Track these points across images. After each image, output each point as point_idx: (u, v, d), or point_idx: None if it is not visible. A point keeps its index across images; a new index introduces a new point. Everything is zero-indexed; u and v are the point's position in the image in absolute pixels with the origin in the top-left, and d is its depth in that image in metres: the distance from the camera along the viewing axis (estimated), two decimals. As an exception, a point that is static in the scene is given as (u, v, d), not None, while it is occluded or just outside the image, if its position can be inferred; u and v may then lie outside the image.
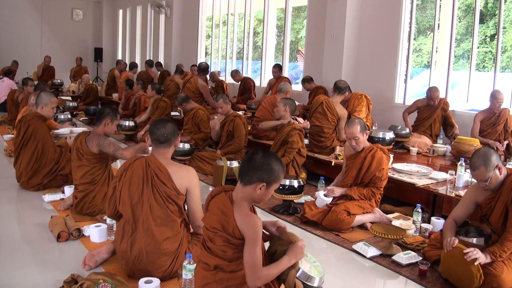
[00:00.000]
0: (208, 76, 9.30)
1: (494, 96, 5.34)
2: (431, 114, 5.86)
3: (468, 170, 4.35)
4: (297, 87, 8.83)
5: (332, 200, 3.85)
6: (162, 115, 6.93)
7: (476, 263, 2.69)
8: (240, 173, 2.22)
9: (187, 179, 2.75)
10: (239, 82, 9.02)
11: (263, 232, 2.27)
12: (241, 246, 2.17)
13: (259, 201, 2.25)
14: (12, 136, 6.20)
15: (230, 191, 2.26)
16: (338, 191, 3.86)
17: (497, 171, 2.87)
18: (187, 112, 6.29)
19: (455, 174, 4.14)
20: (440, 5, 6.62)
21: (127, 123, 7.13)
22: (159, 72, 11.38)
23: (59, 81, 11.89)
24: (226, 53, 11.02)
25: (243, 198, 2.20)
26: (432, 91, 5.80)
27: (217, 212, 2.21)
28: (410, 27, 6.71)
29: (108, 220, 3.36)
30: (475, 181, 3.27)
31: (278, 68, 8.24)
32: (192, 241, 2.91)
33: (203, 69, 8.41)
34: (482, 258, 2.72)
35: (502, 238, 2.81)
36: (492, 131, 5.43)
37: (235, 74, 9.05)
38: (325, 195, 3.85)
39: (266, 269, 2.15)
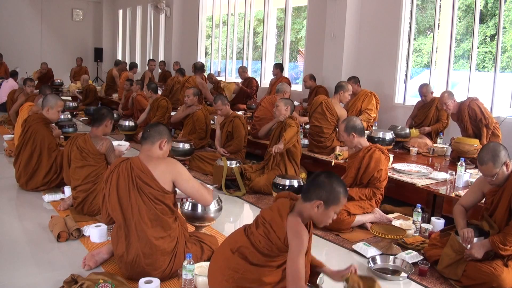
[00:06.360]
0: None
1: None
2: (427, 113, 5.96)
3: (468, 170, 4.37)
4: (297, 87, 8.82)
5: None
6: (166, 115, 6.91)
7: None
8: (302, 190, 2.31)
9: (168, 172, 2.71)
10: (243, 80, 8.99)
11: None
12: (275, 247, 2.24)
13: (317, 221, 2.29)
14: (12, 136, 6.19)
15: (295, 200, 2.34)
16: None
17: (504, 168, 2.86)
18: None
19: (455, 174, 4.13)
20: (440, 5, 6.62)
21: (127, 123, 7.11)
22: (160, 70, 11.38)
23: (59, 81, 11.88)
24: (226, 53, 11.02)
25: (300, 212, 2.27)
26: (420, 87, 6.00)
27: (274, 209, 2.32)
28: (410, 27, 6.71)
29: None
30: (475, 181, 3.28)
31: (279, 67, 8.23)
32: (191, 240, 2.91)
33: (199, 67, 8.45)
34: (478, 253, 2.81)
35: (506, 231, 2.80)
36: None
37: (243, 70, 9.02)
38: None
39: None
